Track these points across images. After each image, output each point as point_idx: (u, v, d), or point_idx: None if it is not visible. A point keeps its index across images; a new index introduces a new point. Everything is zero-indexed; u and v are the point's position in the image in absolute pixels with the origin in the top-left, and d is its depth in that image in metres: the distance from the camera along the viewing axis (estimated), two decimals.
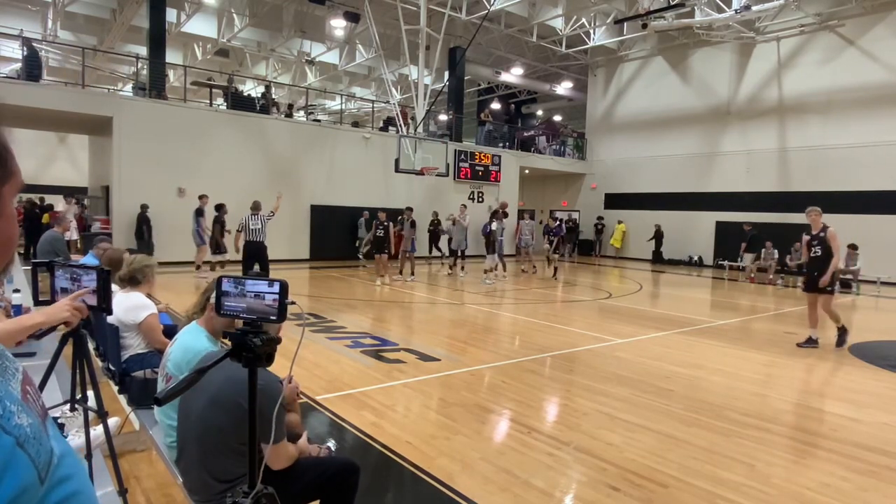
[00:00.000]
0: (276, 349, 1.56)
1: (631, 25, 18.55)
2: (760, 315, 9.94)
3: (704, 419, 4.44)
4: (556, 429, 4.22)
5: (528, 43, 20.72)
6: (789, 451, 3.88)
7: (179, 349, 2.50)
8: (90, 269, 2.25)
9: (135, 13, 16.71)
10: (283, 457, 2.13)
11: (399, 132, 16.29)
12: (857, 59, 16.20)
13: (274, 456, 2.05)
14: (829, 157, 16.61)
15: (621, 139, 22.39)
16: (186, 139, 14.35)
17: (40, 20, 18.85)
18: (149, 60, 15.30)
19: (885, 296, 13.39)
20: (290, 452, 2.18)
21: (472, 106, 28.12)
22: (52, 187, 21.13)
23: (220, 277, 1.57)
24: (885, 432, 4.33)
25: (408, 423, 4.25)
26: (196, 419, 2.09)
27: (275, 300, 1.52)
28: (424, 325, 8.39)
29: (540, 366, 6.03)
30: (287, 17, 19.34)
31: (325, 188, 16.72)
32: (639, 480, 3.35)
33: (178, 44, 21.15)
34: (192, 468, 2.13)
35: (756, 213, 18.12)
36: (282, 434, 2.09)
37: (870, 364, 6.52)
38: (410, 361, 5.98)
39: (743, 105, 18.79)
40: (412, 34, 15.21)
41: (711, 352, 7.15)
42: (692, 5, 15.29)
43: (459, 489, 3.17)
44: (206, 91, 17.66)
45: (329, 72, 23.83)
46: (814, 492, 3.28)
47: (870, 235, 15.07)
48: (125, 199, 13.59)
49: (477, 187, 20.49)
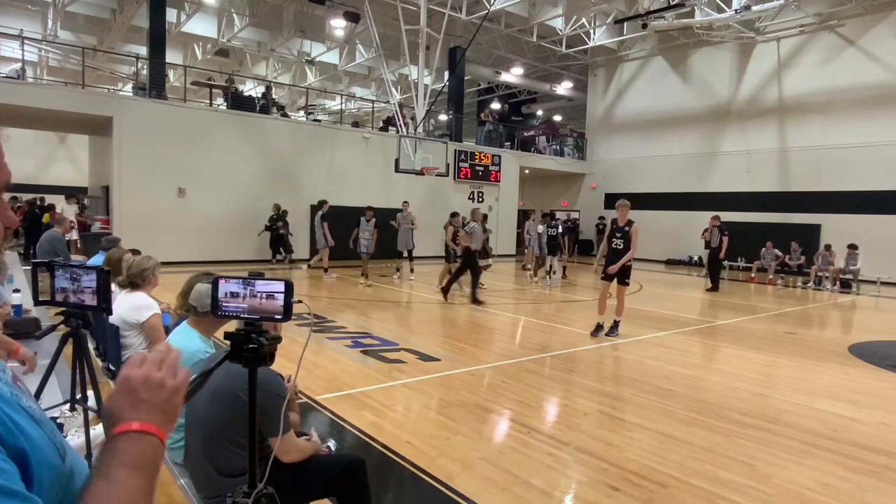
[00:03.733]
0: (276, 348, 1.56)
1: (631, 25, 18.56)
2: (760, 315, 9.93)
3: (704, 419, 4.44)
4: (556, 429, 4.22)
5: (528, 43, 20.72)
6: (789, 451, 3.88)
7: None
8: (90, 269, 2.25)
9: (135, 13, 16.71)
10: (292, 448, 2.13)
11: (399, 132, 16.29)
12: (857, 59, 16.20)
13: (282, 448, 2.06)
14: (829, 157, 16.61)
15: (621, 139, 22.39)
16: (186, 139, 14.34)
17: (40, 20, 18.86)
18: (149, 60, 15.29)
19: (885, 296, 13.39)
20: (300, 445, 2.19)
21: (472, 106, 28.11)
22: (52, 187, 21.14)
23: (216, 278, 1.56)
24: (885, 432, 4.33)
25: (408, 423, 4.25)
26: (199, 415, 2.10)
27: (281, 299, 1.52)
28: (424, 325, 8.39)
29: (540, 366, 6.02)
30: (287, 17, 19.34)
31: (325, 188, 16.71)
32: (639, 480, 3.35)
33: (178, 44, 21.15)
34: (197, 465, 2.14)
35: (756, 213, 18.14)
36: (288, 426, 2.10)
37: (870, 364, 6.52)
38: (410, 361, 5.98)
39: (743, 105, 18.79)
40: (412, 34, 15.21)
41: (711, 352, 7.16)
42: (692, 5, 15.28)
43: (459, 489, 3.17)
44: (206, 91, 17.65)
45: (329, 72, 23.83)
46: (814, 492, 3.28)
47: (870, 235, 15.08)
48: (125, 199, 13.59)
49: (477, 187, 20.49)
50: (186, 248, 14.00)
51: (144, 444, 0.75)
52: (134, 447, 0.74)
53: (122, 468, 0.71)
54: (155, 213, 13.72)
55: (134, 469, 0.72)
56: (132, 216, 13.41)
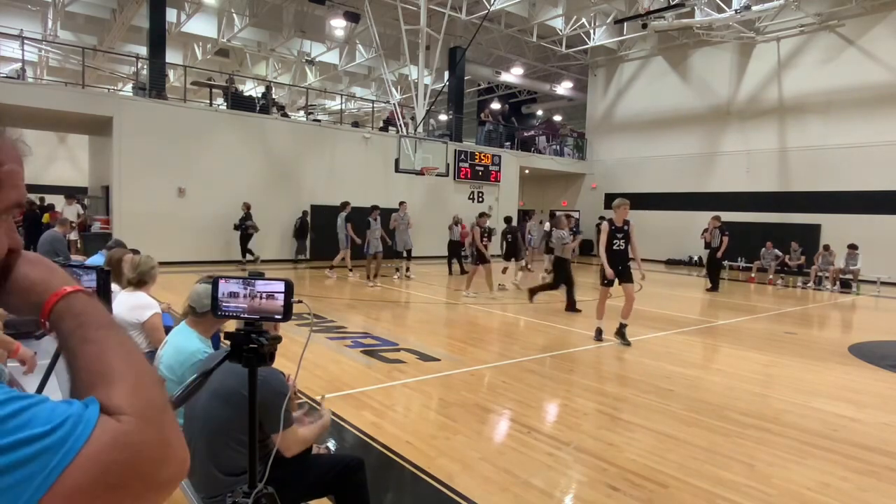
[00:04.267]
0: (276, 348, 1.56)
1: (631, 25, 18.55)
2: (760, 315, 9.93)
3: (704, 419, 4.44)
4: (556, 429, 4.22)
5: (528, 43, 20.72)
6: (789, 451, 3.88)
7: (171, 350, 2.50)
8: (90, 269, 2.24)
9: (135, 13, 16.70)
10: (294, 443, 2.15)
11: (399, 132, 16.29)
12: (857, 59, 16.20)
13: (285, 443, 2.06)
14: (829, 157, 16.60)
15: (621, 139, 22.39)
16: (186, 139, 14.34)
17: (40, 20, 18.85)
18: (149, 60, 15.29)
19: (885, 296, 13.39)
20: (301, 437, 2.20)
21: (472, 106, 28.11)
22: (52, 187, 21.12)
23: (216, 278, 1.56)
24: (885, 432, 4.33)
25: (408, 423, 4.25)
26: (200, 415, 2.10)
27: (281, 299, 1.52)
28: (424, 325, 8.39)
29: (540, 366, 6.02)
30: (287, 17, 19.33)
31: (325, 188, 16.71)
32: (639, 480, 3.35)
33: (178, 44, 21.15)
34: (198, 464, 2.14)
35: (756, 213, 18.13)
36: (290, 420, 2.11)
37: (870, 364, 6.52)
38: (410, 361, 5.98)
39: (743, 105, 18.79)
40: (412, 34, 15.20)
41: (711, 352, 7.15)
42: (692, 5, 15.28)
43: (459, 489, 3.17)
44: (206, 91, 17.65)
45: (329, 72, 23.82)
46: (814, 492, 3.28)
47: (870, 235, 15.07)
48: (125, 199, 13.59)
49: (477, 187, 20.49)
50: (186, 248, 14.00)
51: (85, 299, 0.72)
52: (82, 305, 0.71)
53: (98, 329, 0.68)
54: (155, 213, 13.72)
55: (101, 322, 0.69)
56: (132, 216, 13.41)
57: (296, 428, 2.18)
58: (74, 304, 0.71)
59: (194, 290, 2.53)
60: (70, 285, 0.73)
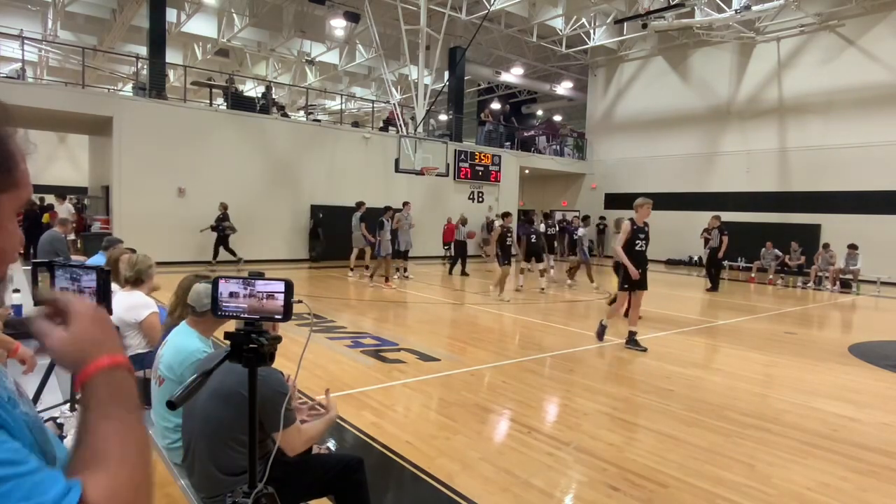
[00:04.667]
0: (276, 348, 1.56)
1: (631, 25, 18.55)
2: (760, 315, 9.93)
3: (704, 419, 4.44)
4: (556, 429, 4.22)
5: (528, 43, 20.72)
6: (789, 451, 3.88)
7: (171, 350, 2.49)
8: (90, 269, 2.24)
9: (135, 13, 16.71)
10: (297, 441, 2.14)
11: (399, 132, 16.29)
12: (857, 59, 16.20)
13: (289, 442, 2.06)
14: (829, 157, 16.60)
15: (621, 139, 22.39)
16: (186, 139, 14.35)
17: (40, 20, 18.85)
18: (149, 60, 15.30)
19: (885, 296, 13.39)
20: (307, 434, 2.19)
21: (472, 106, 28.11)
22: (53, 187, 21.11)
23: (216, 278, 1.56)
24: (885, 432, 4.33)
25: (408, 423, 4.25)
26: (200, 415, 2.10)
27: (281, 299, 1.52)
28: (424, 325, 8.39)
29: (540, 366, 6.02)
30: (287, 17, 19.33)
31: (325, 188, 16.72)
32: (639, 480, 3.35)
33: (178, 44, 21.15)
34: (198, 464, 2.14)
35: (756, 213, 18.13)
36: (292, 419, 2.10)
37: (870, 364, 6.52)
38: (410, 361, 5.98)
39: (743, 105, 18.79)
40: (412, 34, 15.21)
41: (711, 352, 7.15)
42: (692, 5, 15.29)
43: (459, 489, 3.17)
44: (206, 91, 17.65)
45: (329, 72, 23.82)
46: (814, 492, 3.28)
47: (870, 235, 15.08)
48: (125, 199, 13.59)
49: (477, 187, 20.49)
50: (186, 248, 14.00)
51: (123, 376, 0.75)
52: (118, 382, 0.74)
53: (119, 408, 0.72)
54: (155, 214, 13.72)
55: (127, 404, 0.73)
56: (132, 216, 13.41)
57: (299, 426, 2.17)
58: (114, 378, 0.74)
59: (194, 289, 2.53)
60: (115, 353, 0.75)
